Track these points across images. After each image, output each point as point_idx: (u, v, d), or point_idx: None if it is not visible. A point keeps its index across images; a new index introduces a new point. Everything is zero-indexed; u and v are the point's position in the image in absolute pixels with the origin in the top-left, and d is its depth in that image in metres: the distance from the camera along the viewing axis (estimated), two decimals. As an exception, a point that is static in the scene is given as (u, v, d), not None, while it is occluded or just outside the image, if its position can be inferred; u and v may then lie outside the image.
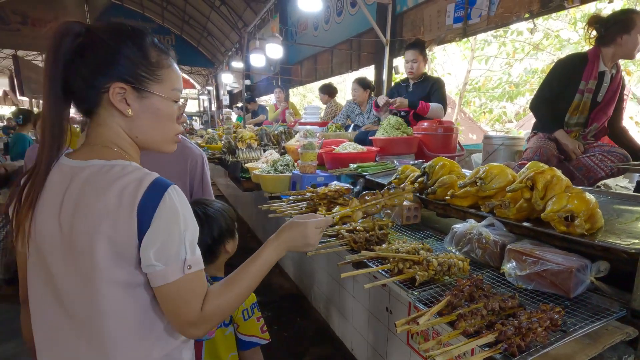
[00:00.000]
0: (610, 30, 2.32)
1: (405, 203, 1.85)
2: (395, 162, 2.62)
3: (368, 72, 6.46)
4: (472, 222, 1.44)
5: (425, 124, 3.07)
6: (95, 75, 0.84)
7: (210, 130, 8.08)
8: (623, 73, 2.56)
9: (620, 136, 2.55)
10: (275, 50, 5.52)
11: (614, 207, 1.36)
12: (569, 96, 2.47)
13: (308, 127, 2.68)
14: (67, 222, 0.81)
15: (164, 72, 0.90)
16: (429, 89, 3.47)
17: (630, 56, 2.36)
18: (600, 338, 0.95)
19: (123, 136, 0.90)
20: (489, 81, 7.91)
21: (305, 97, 17.99)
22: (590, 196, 1.21)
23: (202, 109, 17.31)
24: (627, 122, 3.87)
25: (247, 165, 3.47)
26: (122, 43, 0.85)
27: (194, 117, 17.41)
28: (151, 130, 0.92)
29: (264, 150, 3.81)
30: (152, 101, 0.88)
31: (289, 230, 1.03)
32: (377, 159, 2.89)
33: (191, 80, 19.72)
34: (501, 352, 0.86)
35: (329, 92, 5.61)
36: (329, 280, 2.74)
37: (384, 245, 1.48)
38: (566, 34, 6.65)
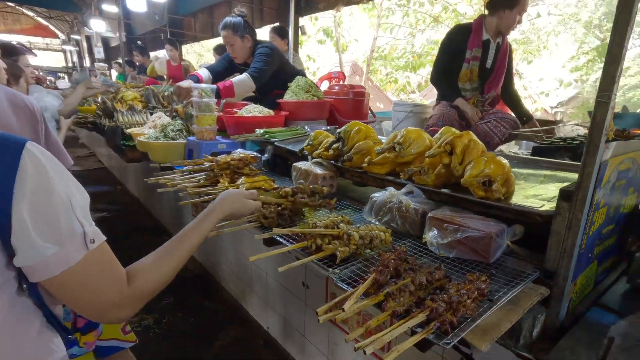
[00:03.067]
0: (496, 2, 2.52)
1: (319, 171, 1.73)
2: (306, 127, 2.48)
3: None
4: (391, 190, 1.39)
5: (336, 87, 2.98)
6: None
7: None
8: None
9: (512, 101, 2.88)
10: (156, -8, 4.75)
11: (520, 172, 1.44)
12: (459, 66, 2.69)
13: (203, 85, 2.33)
14: None
15: None
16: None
17: (506, 32, 2.62)
18: (520, 301, 0.97)
19: None
20: (395, 50, 8.29)
21: (203, 56, 16.50)
22: (504, 160, 1.24)
23: (70, 64, 14.61)
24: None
25: (129, 130, 2.96)
26: None
27: (61, 74, 14.60)
28: None
29: (151, 114, 3.30)
30: None
31: (226, 200, 1.09)
32: (286, 124, 2.71)
33: (51, 27, 16.31)
34: (434, 332, 0.81)
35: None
36: (239, 257, 2.55)
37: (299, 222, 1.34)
38: (463, 8, 7.25)
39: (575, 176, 1.40)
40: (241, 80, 2.82)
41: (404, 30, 7.79)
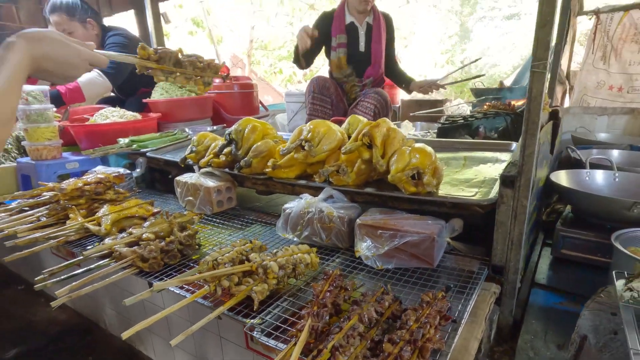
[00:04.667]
0: None
1: (211, 184, 1.41)
2: (187, 130, 2.09)
3: (127, 21, 5.27)
4: (307, 197, 1.16)
5: (217, 80, 2.61)
6: None
7: None
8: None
9: (397, 77, 2.72)
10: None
11: (439, 156, 1.36)
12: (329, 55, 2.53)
13: (28, 87, 1.75)
14: None
15: None
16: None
17: (359, 5, 2.41)
18: (479, 310, 0.85)
19: None
20: (275, 40, 8.09)
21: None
22: (428, 148, 1.12)
23: None
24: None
25: None
26: None
27: None
28: None
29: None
30: None
31: (52, 43, 0.86)
32: (160, 129, 2.26)
33: None
34: (406, 391, 0.61)
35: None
36: (125, 295, 2.03)
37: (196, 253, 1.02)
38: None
39: (491, 155, 1.39)
40: (90, 79, 2.25)
41: (281, 19, 7.64)
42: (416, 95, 2.84)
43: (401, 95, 3.54)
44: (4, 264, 3.31)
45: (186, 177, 1.49)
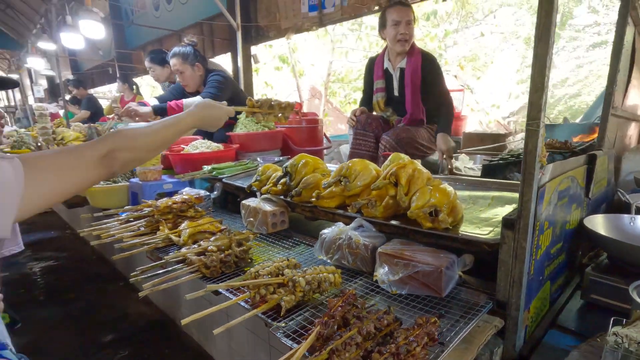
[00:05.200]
0: (380, 28, 2.59)
1: (268, 208, 1.67)
2: (258, 159, 2.42)
3: (225, 60, 6.08)
4: (340, 225, 1.34)
5: (289, 116, 2.95)
6: None
7: (22, 130, 6.43)
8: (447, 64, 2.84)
9: (430, 116, 2.68)
10: (94, 30, 4.62)
11: (469, 195, 1.44)
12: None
13: (142, 124, 2.23)
14: None
15: None
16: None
17: (394, 47, 2.51)
18: (474, 339, 0.93)
19: None
20: (351, 73, 8.50)
21: (156, 88, 16.20)
22: (450, 188, 1.23)
23: (12, 103, 13.89)
24: (465, 110, 4.55)
25: (67, 175, 2.77)
26: None
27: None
28: None
29: (93, 155, 3.12)
30: None
31: (207, 109, 1.30)
32: (238, 157, 2.64)
33: (-10, 66, 15.55)
34: (382, 391, 0.75)
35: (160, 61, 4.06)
36: (198, 298, 2.38)
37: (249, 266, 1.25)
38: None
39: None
40: (193, 101, 2.76)
41: (358, 53, 8.02)
42: (477, 129, 2.85)
43: (468, 127, 3.55)
44: (112, 263, 4.01)
45: (250, 201, 1.77)
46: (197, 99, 2.87)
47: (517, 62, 9.28)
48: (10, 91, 14.43)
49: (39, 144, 3.71)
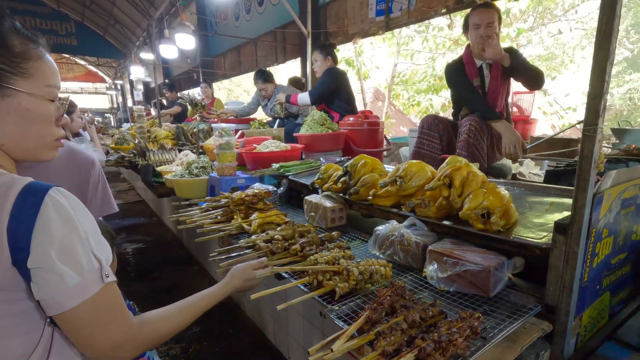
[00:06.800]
0: (463, 30, 2.50)
1: (328, 205, 1.77)
2: (321, 159, 2.54)
3: (294, 65, 6.35)
4: (394, 223, 1.40)
5: (351, 118, 3.04)
6: None
7: (122, 128, 7.35)
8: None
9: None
10: (186, 41, 5.15)
11: (527, 200, 1.41)
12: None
13: (223, 125, 2.47)
14: None
15: (33, 65, 0.78)
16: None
17: (474, 50, 2.42)
18: (519, 339, 0.94)
19: None
20: (415, 75, 8.33)
21: (232, 91, 17.31)
22: (504, 191, 1.22)
23: (115, 105, 15.86)
24: (535, 113, 4.25)
25: (159, 168, 3.16)
26: None
27: (107, 114, 15.92)
28: (20, 135, 0.80)
29: (180, 151, 3.51)
30: (19, 100, 0.77)
31: (239, 277, 1.16)
32: (303, 156, 2.80)
33: (100, 73, 17.85)
34: (422, 373, 0.80)
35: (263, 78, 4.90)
36: (261, 286, 2.58)
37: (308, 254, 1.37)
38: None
39: (583, 203, 1.36)
40: (303, 94, 3.59)
41: (424, 55, 7.84)
42: (547, 134, 2.68)
43: (537, 131, 3.33)
44: (188, 248, 4.42)
45: (312, 197, 1.89)
46: (305, 94, 3.54)
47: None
48: (113, 95, 16.42)
49: (137, 141, 4.23)
